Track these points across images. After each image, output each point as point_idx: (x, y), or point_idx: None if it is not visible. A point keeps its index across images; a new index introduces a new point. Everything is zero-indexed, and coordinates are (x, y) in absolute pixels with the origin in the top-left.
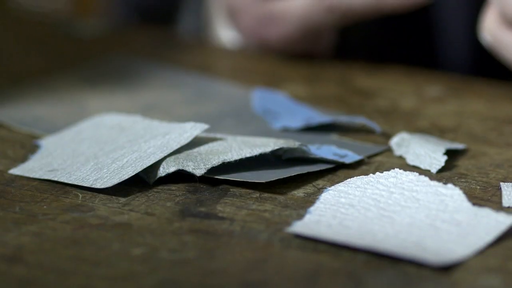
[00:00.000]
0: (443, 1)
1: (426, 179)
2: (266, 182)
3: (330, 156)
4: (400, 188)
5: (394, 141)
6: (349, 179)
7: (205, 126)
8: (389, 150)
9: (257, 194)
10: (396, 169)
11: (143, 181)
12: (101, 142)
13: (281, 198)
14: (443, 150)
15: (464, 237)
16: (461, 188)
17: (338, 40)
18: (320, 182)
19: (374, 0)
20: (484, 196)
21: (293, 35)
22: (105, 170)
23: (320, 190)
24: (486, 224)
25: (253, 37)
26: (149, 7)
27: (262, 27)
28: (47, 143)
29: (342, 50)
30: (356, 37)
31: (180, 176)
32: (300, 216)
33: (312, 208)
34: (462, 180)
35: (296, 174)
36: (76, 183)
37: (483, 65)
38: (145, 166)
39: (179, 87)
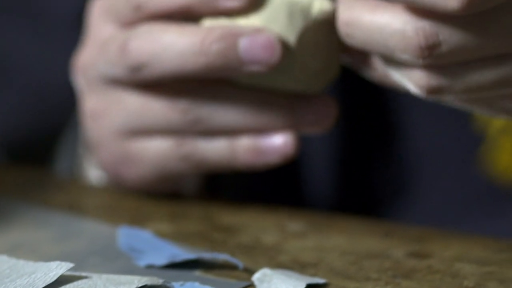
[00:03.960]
0: (304, 143)
1: None
2: None
3: None
4: None
5: (256, 277)
6: None
7: (70, 265)
8: (252, 285)
9: None
10: None
11: None
12: None
13: None
14: (304, 285)
15: None
16: None
17: (202, 180)
18: None
19: (228, 156)
20: None
21: (148, 178)
22: None
23: None
24: None
25: (111, 174)
26: (20, 146)
27: (119, 165)
28: None
29: (208, 187)
30: (221, 176)
31: None
32: None
33: None
34: None
35: None
36: None
37: (345, 201)
38: None
39: (46, 226)
